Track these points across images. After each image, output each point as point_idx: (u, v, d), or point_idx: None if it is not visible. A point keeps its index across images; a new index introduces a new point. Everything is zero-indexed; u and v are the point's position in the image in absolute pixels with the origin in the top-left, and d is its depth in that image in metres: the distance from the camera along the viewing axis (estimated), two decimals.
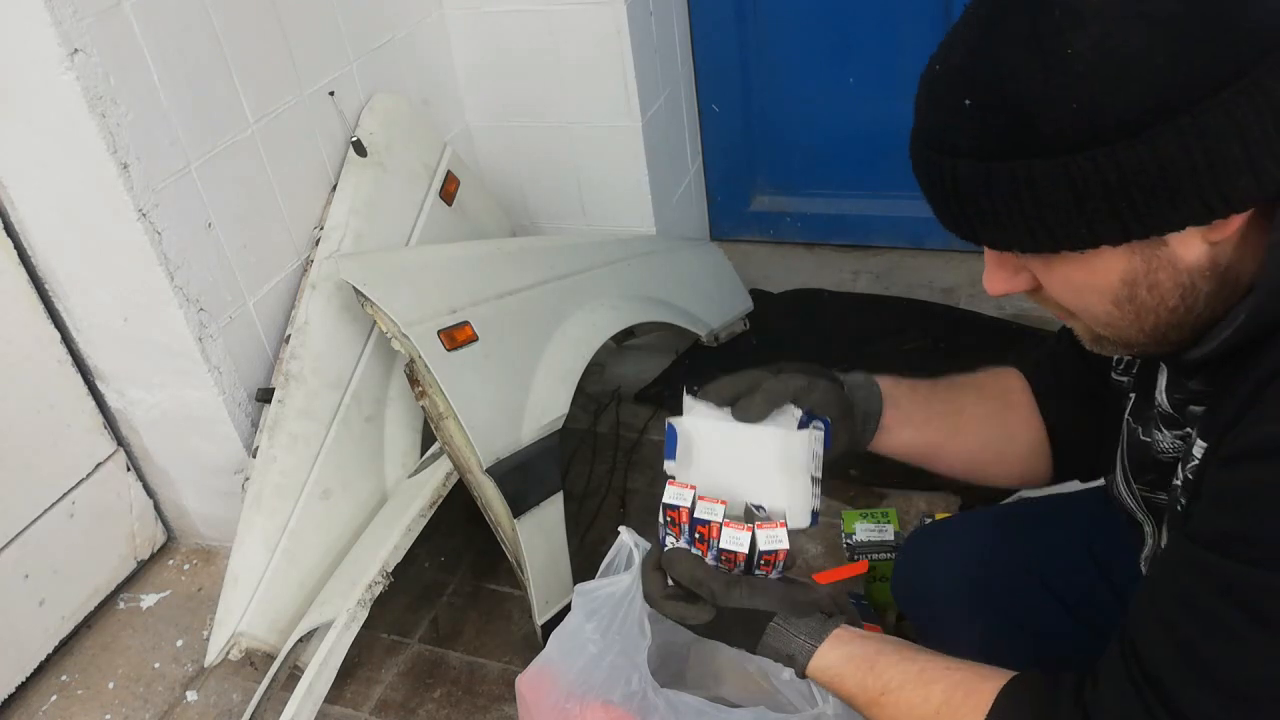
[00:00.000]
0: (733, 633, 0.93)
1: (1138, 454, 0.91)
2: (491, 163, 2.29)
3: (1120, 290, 0.70)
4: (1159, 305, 0.70)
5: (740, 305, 2.28)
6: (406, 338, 1.53)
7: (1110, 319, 0.73)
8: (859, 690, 0.87)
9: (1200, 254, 0.67)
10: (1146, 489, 0.92)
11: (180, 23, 1.51)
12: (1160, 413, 0.86)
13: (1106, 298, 0.71)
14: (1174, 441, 0.85)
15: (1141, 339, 0.74)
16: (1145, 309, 0.71)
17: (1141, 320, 0.72)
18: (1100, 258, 0.68)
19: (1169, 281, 0.69)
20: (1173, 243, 0.66)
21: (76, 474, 1.75)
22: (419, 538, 1.62)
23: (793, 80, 2.39)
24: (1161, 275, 0.68)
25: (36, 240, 1.59)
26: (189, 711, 1.65)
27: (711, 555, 0.97)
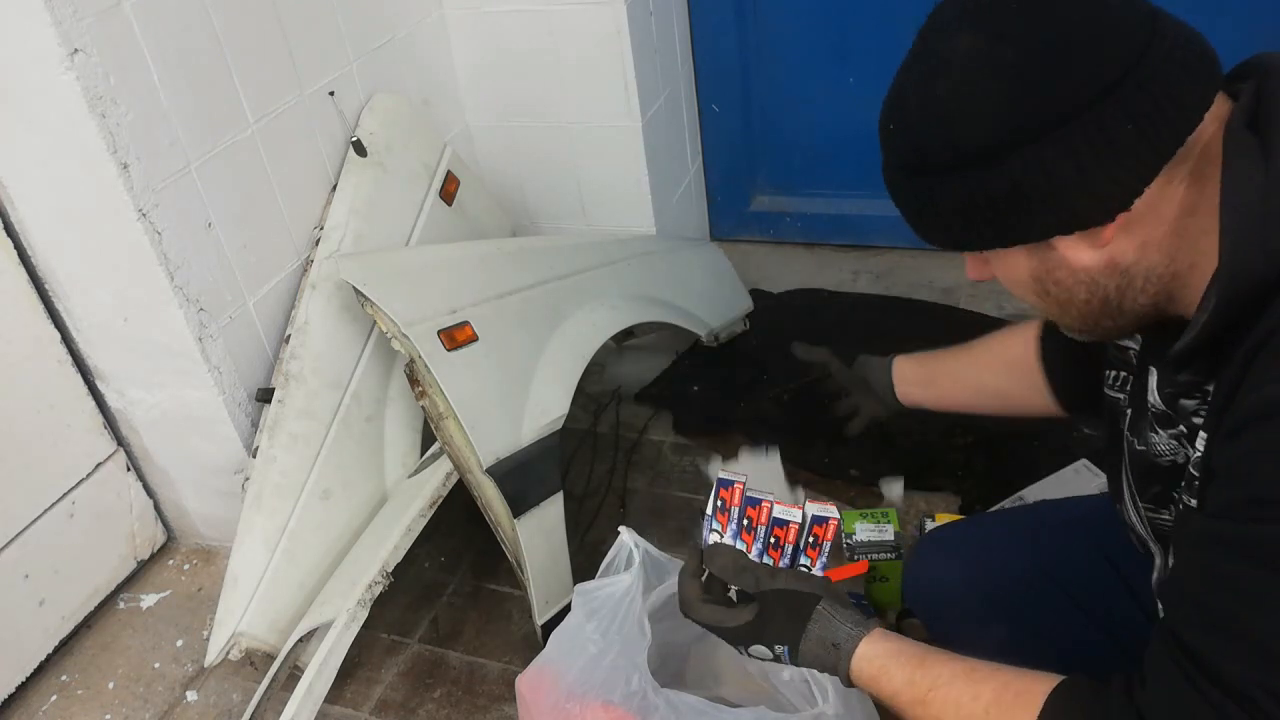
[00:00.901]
0: (776, 619, 0.95)
1: (1139, 465, 0.92)
2: (491, 163, 2.29)
3: (1033, 285, 0.82)
4: (1070, 298, 0.81)
5: (740, 305, 2.28)
6: (406, 338, 1.53)
7: (1044, 307, 0.84)
8: (906, 685, 0.87)
9: (1092, 257, 0.77)
10: (1151, 507, 0.93)
11: (180, 23, 1.51)
12: (1154, 413, 0.88)
13: (1030, 290, 0.83)
14: (1169, 442, 0.87)
15: (1080, 325, 0.84)
16: (1062, 301, 0.82)
17: (1065, 310, 0.83)
18: (1008, 258, 0.81)
19: (1069, 279, 0.79)
20: (1060, 247, 0.77)
21: (76, 474, 1.75)
22: (419, 538, 1.62)
23: (793, 80, 2.39)
24: (1060, 274, 0.79)
25: (36, 240, 1.59)
26: (189, 711, 1.65)
27: (759, 543, 1.01)
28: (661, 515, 1.89)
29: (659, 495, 1.94)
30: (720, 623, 0.98)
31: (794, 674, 1.31)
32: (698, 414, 2.10)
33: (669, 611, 1.34)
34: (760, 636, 0.96)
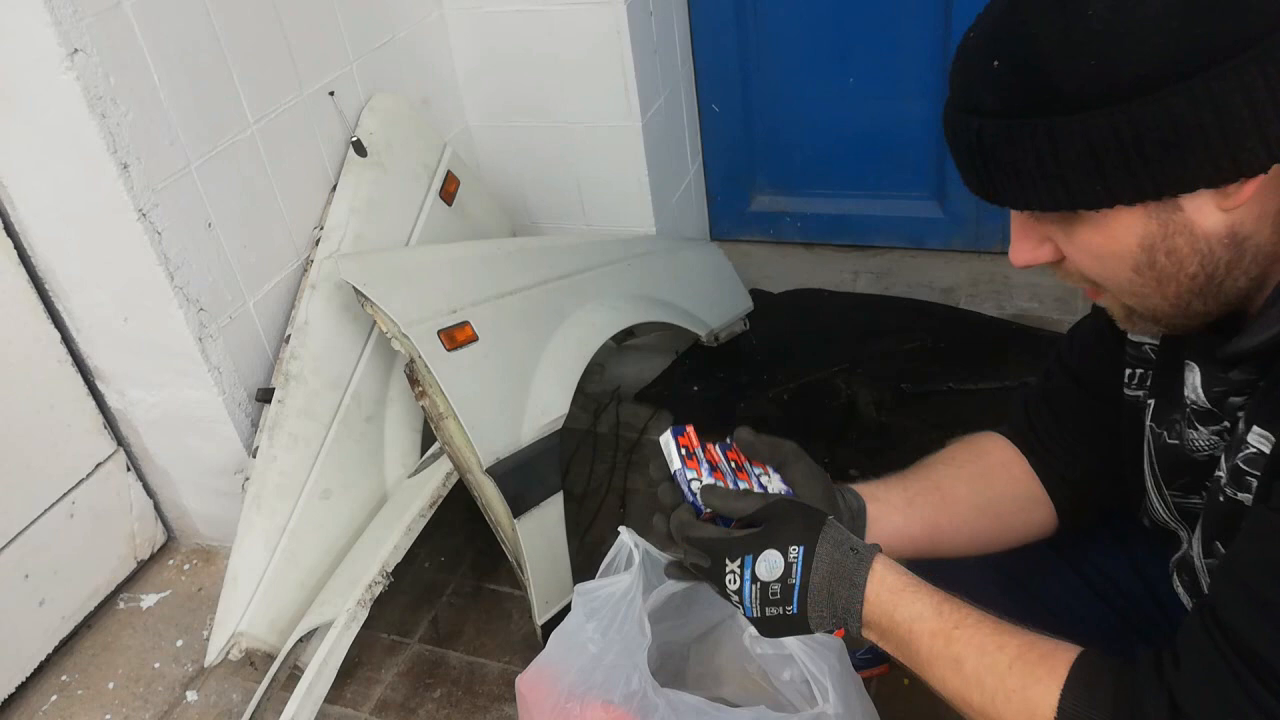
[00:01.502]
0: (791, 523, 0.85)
1: (1168, 458, 0.89)
2: (491, 163, 2.29)
3: (1139, 256, 0.72)
4: (1179, 272, 0.72)
5: (740, 305, 2.28)
6: (406, 338, 1.53)
7: (1133, 287, 0.75)
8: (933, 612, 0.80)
9: (1216, 221, 0.69)
10: (1179, 494, 0.90)
11: (180, 23, 1.51)
12: (1195, 410, 0.84)
13: (1127, 264, 0.73)
14: (1210, 438, 0.84)
15: (1167, 309, 0.76)
16: (1166, 275, 0.73)
17: (1163, 288, 0.74)
18: (1118, 221, 0.70)
19: (1186, 247, 0.71)
20: (1187, 208, 0.69)
21: (76, 474, 1.75)
22: (419, 538, 1.62)
23: (793, 80, 2.39)
24: (1178, 241, 0.71)
25: (36, 240, 1.59)
26: (189, 711, 1.65)
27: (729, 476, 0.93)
28: None
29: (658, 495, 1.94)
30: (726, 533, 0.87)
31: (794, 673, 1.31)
32: (698, 414, 2.10)
33: (669, 611, 1.34)
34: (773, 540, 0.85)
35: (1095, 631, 0.88)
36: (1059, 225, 0.74)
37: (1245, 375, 0.78)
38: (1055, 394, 1.04)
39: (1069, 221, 0.73)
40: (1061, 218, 0.73)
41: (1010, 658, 0.77)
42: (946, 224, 2.44)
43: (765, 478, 0.96)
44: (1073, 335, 1.05)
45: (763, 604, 0.86)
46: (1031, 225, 0.77)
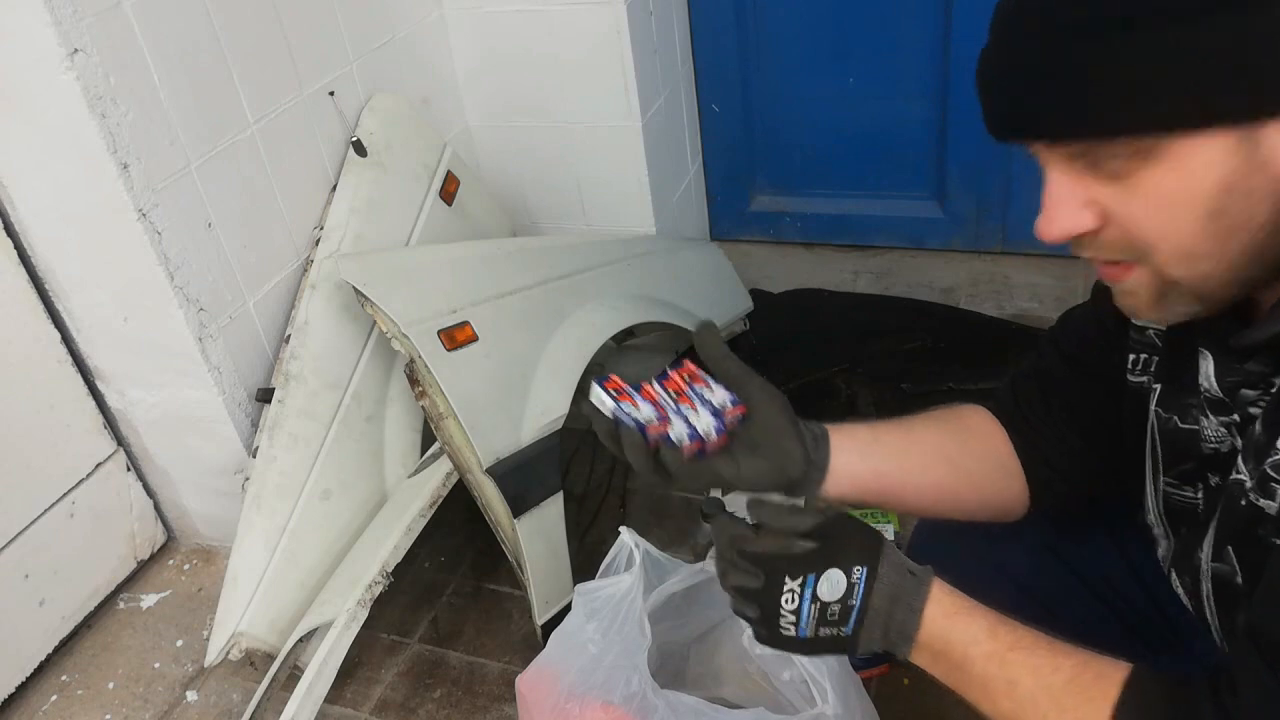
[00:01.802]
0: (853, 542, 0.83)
1: (1175, 444, 0.87)
2: (491, 163, 2.29)
3: (1216, 199, 0.67)
4: (1249, 220, 0.67)
5: (740, 305, 2.28)
6: (406, 338, 1.53)
7: (1194, 244, 0.69)
8: (988, 634, 0.79)
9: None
10: (1174, 483, 0.89)
11: (180, 23, 1.51)
12: (1208, 398, 0.82)
13: (1199, 210, 0.67)
14: (1219, 429, 0.82)
15: (1219, 275, 0.71)
16: (1236, 225, 0.68)
17: (1226, 244, 0.69)
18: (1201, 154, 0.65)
19: (1263, 189, 0.66)
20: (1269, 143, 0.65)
21: (76, 474, 1.75)
22: (419, 538, 1.62)
23: (793, 80, 2.39)
24: (1256, 180, 0.66)
25: (36, 240, 1.59)
26: (189, 711, 1.65)
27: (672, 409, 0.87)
28: (661, 515, 1.89)
29: (659, 495, 1.94)
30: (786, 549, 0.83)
31: (794, 674, 1.31)
32: None
33: (669, 611, 1.34)
34: (837, 558, 0.82)
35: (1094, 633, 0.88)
36: (1115, 182, 0.69)
37: (1261, 367, 0.75)
38: (1046, 376, 1.02)
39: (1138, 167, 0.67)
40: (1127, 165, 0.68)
41: (1065, 679, 0.76)
42: (946, 224, 2.44)
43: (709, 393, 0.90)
44: (1066, 321, 1.03)
45: (819, 624, 0.83)
46: (1076, 186, 0.71)
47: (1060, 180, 0.72)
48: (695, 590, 1.36)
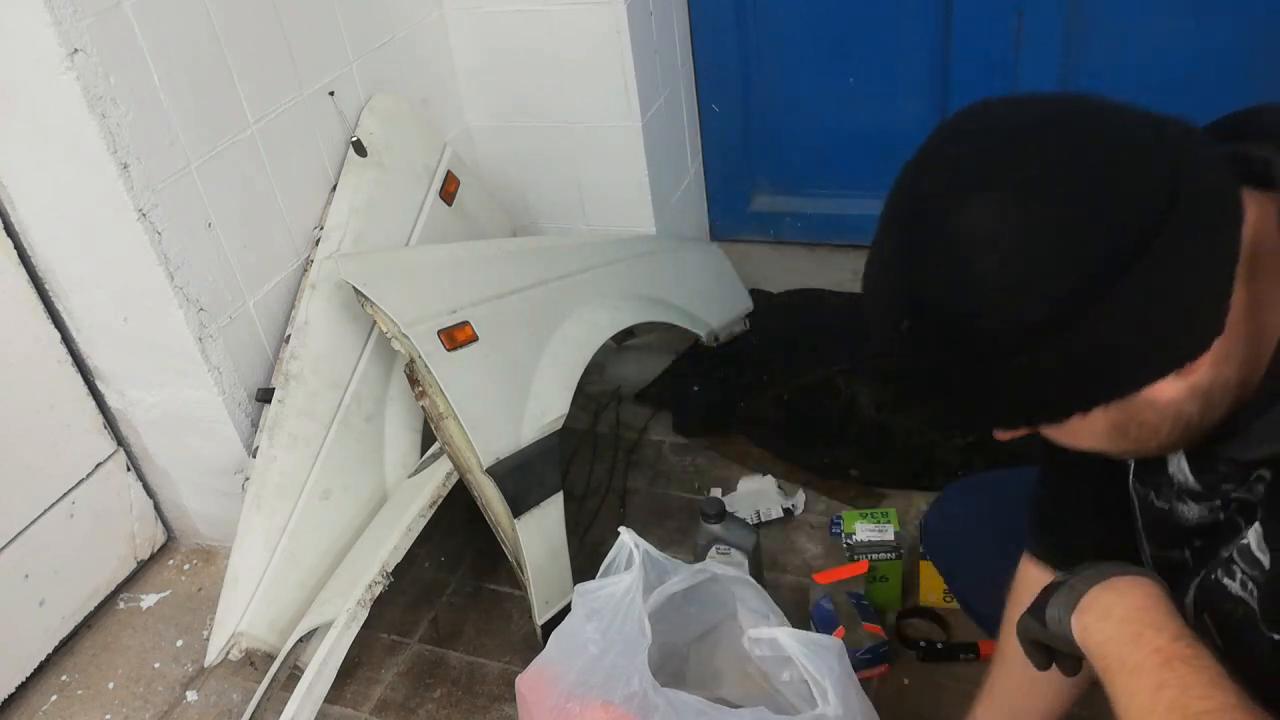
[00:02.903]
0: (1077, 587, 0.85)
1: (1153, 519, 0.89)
2: (491, 163, 2.29)
3: (1111, 433, 0.73)
4: (1153, 435, 0.74)
5: (740, 305, 2.28)
6: (406, 338, 1.53)
7: (1114, 450, 0.77)
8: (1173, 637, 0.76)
9: (1176, 390, 0.69)
10: (1160, 548, 0.91)
11: (180, 22, 1.51)
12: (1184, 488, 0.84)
13: (1102, 440, 0.75)
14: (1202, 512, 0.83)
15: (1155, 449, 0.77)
16: (1141, 439, 0.74)
17: (1144, 445, 0.75)
18: (1081, 421, 0.71)
19: (1154, 418, 0.72)
20: (1145, 391, 0.69)
21: (76, 474, 1.75)
22: (419, 538, 1.62)
23: (793, 80, 2.39)
24: (1145, 415, 0.71)
25: (36, 240, 1.59)
26: (189, 711, 1.65)
27: None
28: (661, 515, 1.89)
29: (659, 495, 1.94)
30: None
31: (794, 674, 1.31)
32: (698, 414, 2.10)
33: (669, 612, 1.34)
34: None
35: None
36: None
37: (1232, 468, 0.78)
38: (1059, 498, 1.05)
39: None
40: None
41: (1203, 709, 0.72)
42: None
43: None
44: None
45: None
46: None
47: None
48: (695, 590, 1.36)
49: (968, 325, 0.66)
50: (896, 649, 1.53)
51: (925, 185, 0.69)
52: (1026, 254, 0.63)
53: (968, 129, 0.69)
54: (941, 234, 0.66)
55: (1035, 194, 0.64)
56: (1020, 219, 0.64)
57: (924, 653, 1.52)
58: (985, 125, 0.68)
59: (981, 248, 0.64)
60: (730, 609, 1.39)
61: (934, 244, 0.67)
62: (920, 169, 0.70)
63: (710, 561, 1.40)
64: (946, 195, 0.67)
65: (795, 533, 1.80)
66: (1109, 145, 0.65)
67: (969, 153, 0.67)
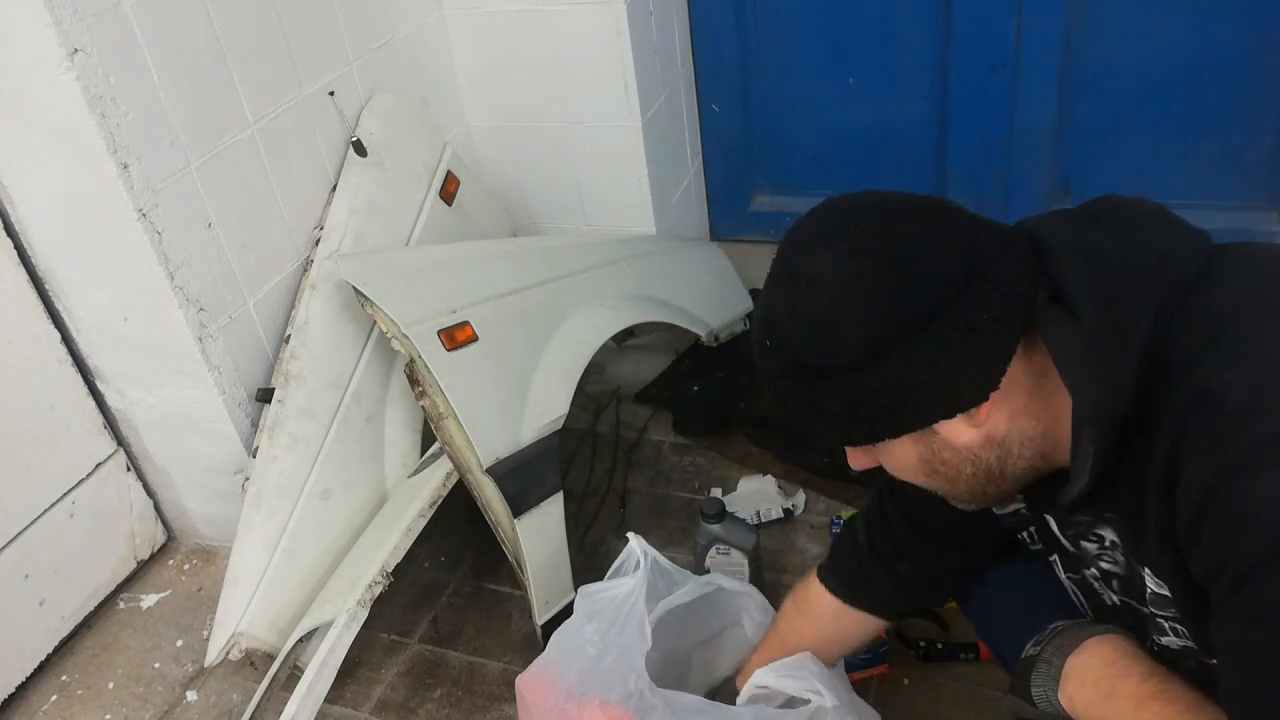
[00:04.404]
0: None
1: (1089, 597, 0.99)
2: (491, 163, 2.29)
3: (922, 467, 0.88)
4: (958, 474, 0.88)
5: (740, 305, 2.28)
6: (406, 338, 1.53)
7: (933, 486, 0.91)
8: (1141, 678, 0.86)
9: (971, 435, 0.83)
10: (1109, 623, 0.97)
11: (180, 23, 1.51)
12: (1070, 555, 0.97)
13: (918, 473, 0.89)
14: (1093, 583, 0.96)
15: (967, 497, 0.91)
16: (949, 478, 0.88)
17: (954, 484, 0.89)
18: (897, 447, 0.87)
19: (954, 458, 0.86)
20: (942, 431, 0.83)
21: (76, 474, 1.75)
22: (419, 538, 1.62)
23: (793, 80, 2.39)
24: (945, 454, 0.86)
25: (36, 240, 1.59)
26: (189, 711, 1.65)
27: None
28: (661, 515, 1.89)
29: (659, 495, 1.94)
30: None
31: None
32: (698, 414, 2.10)
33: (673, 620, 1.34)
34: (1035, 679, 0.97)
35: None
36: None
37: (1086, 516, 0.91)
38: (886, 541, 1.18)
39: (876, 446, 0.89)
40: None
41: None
42: None
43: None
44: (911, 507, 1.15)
45: None
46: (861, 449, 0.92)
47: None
48: (699, 601, 1.36)
49: (801, 349, 0.83)
50: (896, 649, 1.53)
51: (794, 238, 0.87)
52: (850, 297, 0.80)
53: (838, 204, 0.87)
54: (795, 272, 0.84)
55: (867, 253, 0.80)
56: (851, 269, 0.80)
57: (924, 653, 1.52)
58: (858, 201, 0.86)
59: (818, 287, 0.81)
60: (734, 617, 1.39)
61: (789, 279, 0.85)
62: (797, 227, 0.88)
63: (716, 574, 1.40)
64: (807, 243, 0.85)
65: (795, 533, 1.79)
66: (931, 228, 0.81)
67: (835, 215, 0.85)
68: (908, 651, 1.53)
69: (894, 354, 0.79)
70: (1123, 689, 0.86)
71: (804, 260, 0.84)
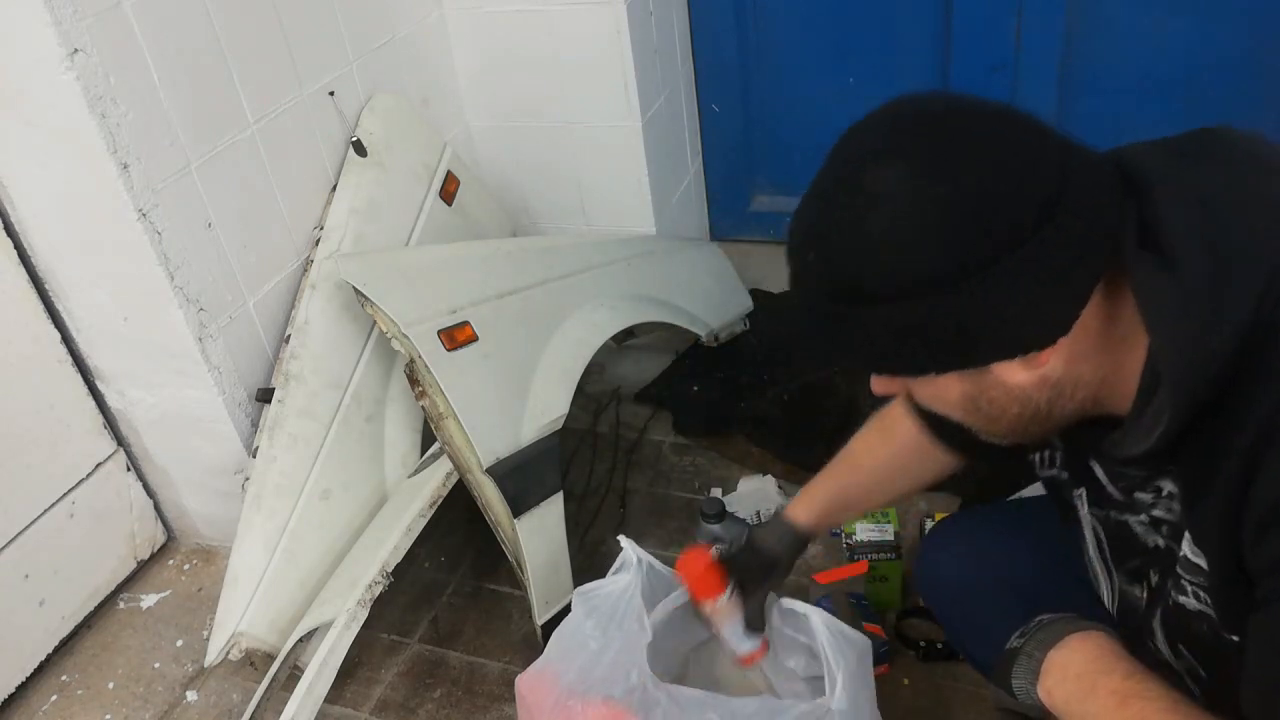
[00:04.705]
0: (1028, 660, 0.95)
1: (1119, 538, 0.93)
2: (491, 163, 2.29)
3: (963, 404, 0.82)
4: (1000, 414, 0.82)
5: (740, 305, 2.28)
6: (406, 338, 1.53)
7: (968, 422, 0.85)
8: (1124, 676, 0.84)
9: (1025, 377, 0.77)
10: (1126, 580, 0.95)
11: (180, 23, 1.51)
12: (1115, 500, 0.91)
13: (956, 408, 0.83)
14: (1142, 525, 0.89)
15: (1005, 433, 0.85)
16: (991, 416, 0.82)
17: (994, 422, 0.83)
18: (937, 381, 0.80)
19: (1003, 398, 0.80)
20: (995, 370, 0.77)
21: (76, 474, 1.75)
22: (419, 538, 1.62)
23: (793, 80, 2.39)
24: (994, 393, 0.79)
25: (36, 240, 1.59)
26: (189, 711, 1.65)
27: None
28: (661, 515, 1.89)
29: (659, 495, 1.94)
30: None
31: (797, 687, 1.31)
32: (698, 414, 2.10)
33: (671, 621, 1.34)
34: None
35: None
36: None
37: (1141, 471, 0.85)
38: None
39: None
40: None
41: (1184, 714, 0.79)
42: None
43: None
44: None
45: None
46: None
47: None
48: None
49: (851, 269, 0.75)
50: (896, 649, 1.53)
51: (853, 145, 0.79)
52: (915, 222, 0.71)
53: (903, 109, 0.78)
54: (851, 187, 0.75)
55: (939, 173, 0.71)
56: (918, 190, 0.72)
57: (924, 653, 1.52)
58: (918, 109, 0.77)
59: (879, 206, 0.73)
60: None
61: (844, 194, 0.76)
62: (856, 131, 0.79)
63: None
64: (866, 156, 0.76)
65: None
66: (1014, 150, 0.72)
67: (895, 126, 0.77)
68: (908, 651, 1.53)
69: (957, 289, 0.71)
70: (1105, 685, 0.83)
71: (865, 172, 0.75)
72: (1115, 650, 0.87)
